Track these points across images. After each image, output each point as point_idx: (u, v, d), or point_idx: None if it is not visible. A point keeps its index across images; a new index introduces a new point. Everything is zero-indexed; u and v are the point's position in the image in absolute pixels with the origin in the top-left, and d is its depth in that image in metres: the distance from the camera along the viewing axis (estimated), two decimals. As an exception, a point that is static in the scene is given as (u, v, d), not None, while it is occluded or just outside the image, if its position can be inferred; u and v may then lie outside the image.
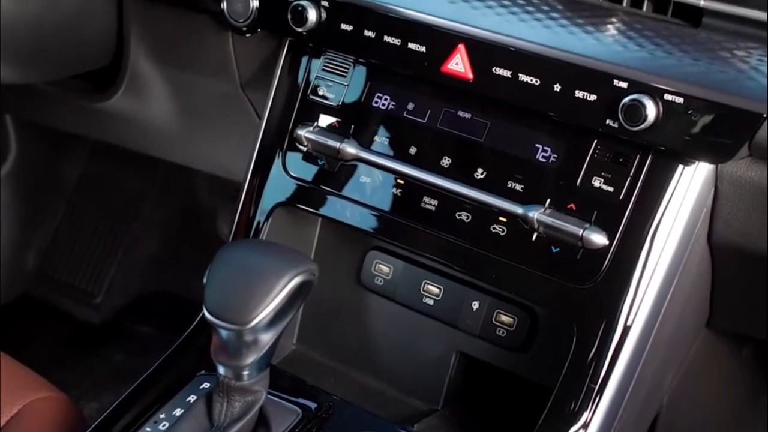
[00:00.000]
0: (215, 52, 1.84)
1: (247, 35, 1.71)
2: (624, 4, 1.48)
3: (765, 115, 1.30)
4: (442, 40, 1.50)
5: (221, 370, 1.37)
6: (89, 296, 2.80)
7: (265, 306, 1.32)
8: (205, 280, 1.36)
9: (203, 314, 1.34)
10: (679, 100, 1.34)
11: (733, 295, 1.61)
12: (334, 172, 1.62)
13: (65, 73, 2.00)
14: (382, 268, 1.68)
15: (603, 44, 1.41)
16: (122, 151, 2.38)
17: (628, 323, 1.43)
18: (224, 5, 1.69)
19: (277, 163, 1.67)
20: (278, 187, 1.67)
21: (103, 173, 2.84)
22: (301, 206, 1.66)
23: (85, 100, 2.09)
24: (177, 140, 2.08)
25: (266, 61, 1.79)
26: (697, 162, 1.40)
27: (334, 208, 1.62)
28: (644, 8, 1.46)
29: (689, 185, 1.41)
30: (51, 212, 2.86)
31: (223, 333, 1.34)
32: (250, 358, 1.36)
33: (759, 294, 1.57)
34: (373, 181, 1.59)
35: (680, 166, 1.41)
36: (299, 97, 1.67)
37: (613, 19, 1.44)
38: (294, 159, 1.66)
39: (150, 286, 2.80)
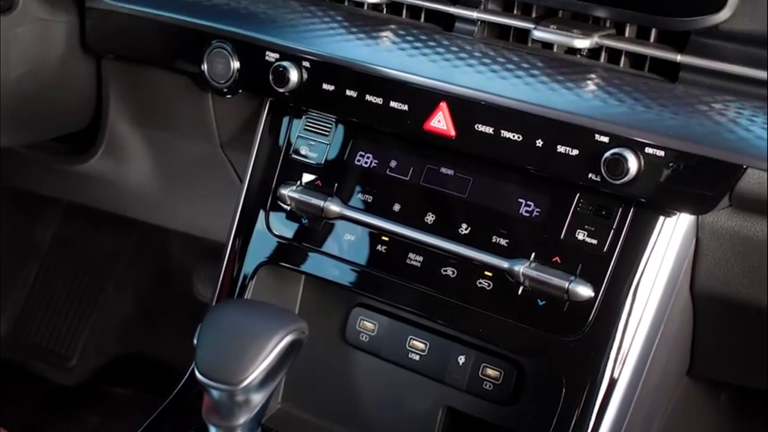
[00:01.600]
0: (195, 113, 1.85)
1: (228, 96, 1.73)
2: (602, 60, 1.51)
3: (745, 167, 1.33)
4: (424, 99, 1.52)
5: (213, 430, 1.37)
6: (64, 359, 2.77)
7: (257, 366, 1.33)
8: (195, 341, 1.36)
9: (190, 374, 1.34)
10: (660, 153, 1.37)
11: (714, 343, 1.63)
12: (319, 230, 1.63)
13: (44, 137, 2.00)
14: (367, 325, 1.69)
15: (583, 100, 1.44)
16: (95, 211, 2.38)
17: (615, 374, 1.45)
18: (205, 67, 1.71)
19: (261, 222, 1.68)
20: (262, 246, 1.68)
21: (76, 234, 2.83)
22: (285, 265, 1.66)
23: (62, 162, 2.09)
24: (155, 201, 2.08)
25: (246, 121, 1.80)
26: (678, 213, 1.43)
27: (319, 265, 1.63)
28: (621, 64, 1.49)
29: (671, 236, 1.44)
30: (24, 275, 2.84)
31: (215, 393, 1.34)
32: (242, 418, 1.36)
33: (740, 341, 1.59)
34: (358, 239, 1.60)
35: (662, 218, 1.43)
36: (281, 156, 1.68)
37: (592, 75, 1.47)
38: (278, 218, 1.67)
39: (125, 347, 2.78)
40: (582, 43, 1.46)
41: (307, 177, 1.65)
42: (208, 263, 2.57)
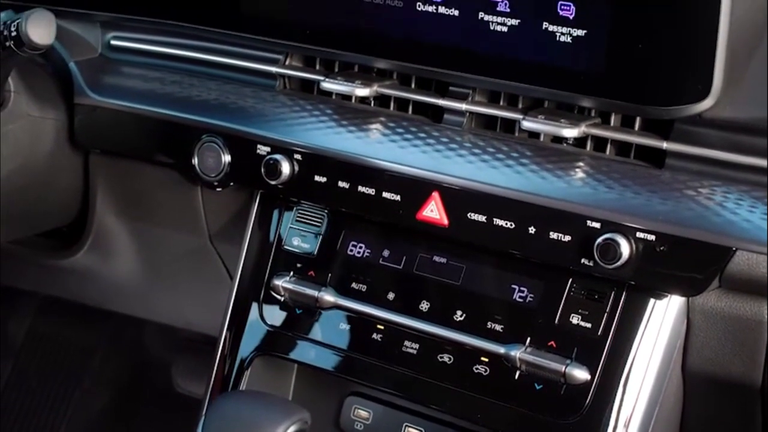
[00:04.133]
0: (184, 206, 1.87)
1: (218, 189, 1.75)
2: (588, 148, 1.55)
3: (734, 248, 1.37)
4: (417, 189, 1.56)
5: None
6: (40, 456, 2.73)
7: (263, 457, 1.34)
8: (200, 434, 1.37)
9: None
10: (651, 237, 1.41)
11: (705, 421, 1.65)
12: (313, 320, 1.65)
13: (30, 232, 2.00)
14: (361, 413, 1.70)
15: (574, 187, 1.48)
16: (71, 303, 2.37)
17: (614, 455, 1.47)
18: (195, 160, 1.73)
19: (254, 313, 1.70)
20: (256, 337, 1.69)
21: (51, 328, 2.81)
22: (280, 355, 1.68)
23: (46, 257, 2.09)
24: (139, 294, 2.08)
25: (236, 213, 1.83)
26: (669, 295, 1.47)
27: (314, 355, 1.65)
28: (607, 152, 1.54)
29: (663, 318, 1.47)
30: (-3, 371, 2.81)
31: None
32: None
33: (731, 419, 1.61)
34: (353, 328, 1.62)
35: (654, 300, 1.47)
36: (273, 247, 1.71)
37: (581, 163, 1.52)
38: (271, 309, 1.69)
39: (103, 442, 2.75)
40: (570, 132, 1.51)
41: (300, 268, 1.67)
42: (188, 355, 2.57)
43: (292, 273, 1.67)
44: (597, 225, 1.44)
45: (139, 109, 1.80)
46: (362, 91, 1.66)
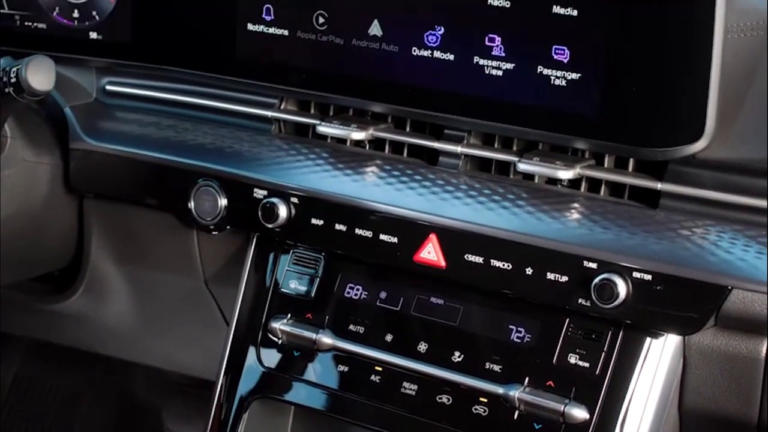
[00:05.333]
0: (179, 250, 1.88)
1: (214, 233, 1.76)
2: (582, 189, 1.57)
3: (730, 287, 1.39)
4: (414, 231, 1.57)
5: None
6: (28, 503, 2.71)
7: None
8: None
9: None
10: (648, 277, 1.43)
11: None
12: (311, 362, 1.65)
13: (24, 277, 2.00)
14: (359, 455, 1.70)
15: (570, 228, 1.50)
16: (59, 347, 2.36)
17: (614, 495, 1.48)
18: (192, 204, 1.74)
19: (251, 356, 1.70)
20: (254, 380, 1.70)
21: (39, 372, 2.79)
22: (278, 398, 1.68)
23: (39, 302, 2.09)
24: (133, 338, 2.08)
25: (232, 256, 1.84)
26: (666, 334, 1.48)
27: (313, 397, 1.65)
28: (601, 192, 1.56)
29: (660, 357, 1.49)
30: (-17, 419, 2.79)
31: None
32: None
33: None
34: (351, 369, 1.62)
35: (650, 339, 1.48)
36: (270, 290, 1.71)
37: (576, 204, 1.54)
38: (269, 351, 1.69)
39: (93, 489, 2.73)
40: (566, 174, 1.53)
41: (297, 310, 1.68)
42: (181, 399, 2.56)
43: (289, 315, 1.68)
44: (594, 265, 1.45)
45: (134, 153, 1.81)
46: (358, 135, 1.67)
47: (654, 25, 1.41)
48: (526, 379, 1.52)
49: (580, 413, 1.48)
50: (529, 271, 1.50)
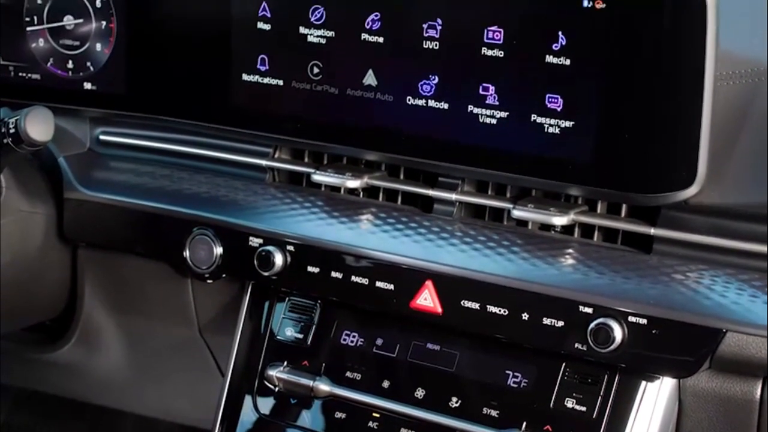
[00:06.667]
0: (173, 298, 1.89)
1: (209, 281, 1.77)
2: (575, 235, 1.60)
3: (724, 330, 1.41)
4: (410, 278, 1.58)
5: None
6: None
7: None
8: None
9: None
10: (643, 321, 1.44)
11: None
12: (309, 410, 1.66)
13: (17, 327, 2.00)
14: (357, 504, 1.70)
15: (565, 273, 1.51)
16: (48, 396, 2.35)
17: None
18: (187, 253, 1.75)
19: (248, 404, 1.71)
20: (250, 428, 1.70)
21: (27, 423, 2.77)
22: (275, 446, 1.68)
23: (31, 351, 2.08)
24: (126, 388, 2.07)
25: (226, 304, 1.84)
26: (662, 377, 1.50)
27: (310, 445, 1.66)
28: (595, 238, 1.58)
29: (656, 400, 1.50)
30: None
31: None
32: None
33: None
34: (349, 416, 1.63)
35: (646, 383, 1.50)
36: (266, 338, 1.72)
37: (570, 250, 1.56)
38: (266, 399, 1.69)
39: None
40: (560, 220, 1.55)
41: (293, 357, 1.69)
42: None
43: (285, 363, 1.69)
44: (589, 310, 1.47)
45: (129, 202, 1.81)
46: (353, 183, 1.69)
47: (646, 74, 1.44)
48: (524, 424, 1.53)
49: (578, 457, 1.49)
50: (525, 316, 1.51)
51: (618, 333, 1.45)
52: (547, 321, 1.50)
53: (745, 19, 1.53)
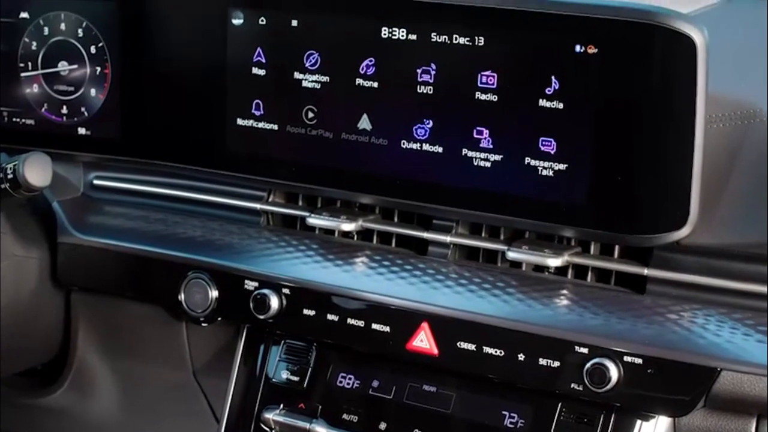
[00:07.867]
0: (167, 342, 1.89)
1: (204, 325, 1.78)
2: (569, 276, 1.62)
3: (719, 369, 1.43)
4: (406, 320, 1.59)
5: None
6: None
7: None
8: None
9: None
10: (639, 361, 1.46)
11: None
12: (305, 453, 1.66)
13: (9, 372, 1.99)
14: None
15: (560, 314, 1.53)
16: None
17: None
18: (182, 297, 1.75)
19: (245, 447, 1.71)
20: (246, 472, 1.70)
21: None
22: (274, 488, 1.68)
23: (23, 396, 2.07)
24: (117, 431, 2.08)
25: (221, 348, 1.85)
26: (657, 416, 1.51)
27: (307, 488, 1.66)
28: (588, 279, 1.60)
29: (652, 439, 1.52)
30: None
31: None
32: None
33: None
34: (346, 458, 1.64)
35: (641, 422, 1.51)
36: (262, 381, 1.72)
37: (564, 291, 1.58)
38: (262, 443, 1.70)
39: None
40: (554, 261, 1.57)
41: (289, 400, 1.69)
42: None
43: (281, 405, 1.69)
44: (585, 350, 1.48)
45: (123, 246, 1.82)
46: (348, 226, 1.71)
47: (637, 117, 1.47)
48: (521, 464, 1.54)
49: (575, 498, 1.50)
50: (521, 357, 1.52)
51: (614, 373, 1.46)
52: (542, 361, 1.51)
53: (734, 61, 1.56)
